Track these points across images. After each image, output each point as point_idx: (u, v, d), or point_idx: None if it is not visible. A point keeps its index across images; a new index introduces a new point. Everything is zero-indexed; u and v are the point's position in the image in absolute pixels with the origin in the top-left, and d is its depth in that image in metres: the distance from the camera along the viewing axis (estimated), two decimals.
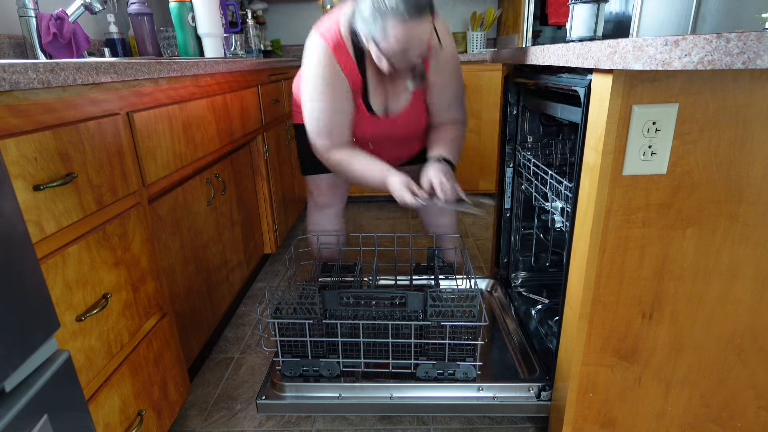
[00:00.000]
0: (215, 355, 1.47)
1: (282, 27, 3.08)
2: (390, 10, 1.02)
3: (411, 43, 1.06)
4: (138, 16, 1.79)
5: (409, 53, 1.08)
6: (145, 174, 0.99)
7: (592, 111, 0.80)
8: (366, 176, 1.25)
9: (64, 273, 0.73)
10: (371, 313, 1.12)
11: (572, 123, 1.30)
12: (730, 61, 0.61)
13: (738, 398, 0.93)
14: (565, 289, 0.95)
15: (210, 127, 1.33)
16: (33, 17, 1.36)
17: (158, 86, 1.08)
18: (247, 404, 1.25)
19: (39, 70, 0.67)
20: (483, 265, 2.00)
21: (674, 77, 0.72)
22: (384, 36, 1.06)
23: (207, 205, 1.37)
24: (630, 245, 0.82)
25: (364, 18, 1.08)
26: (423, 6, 1.03)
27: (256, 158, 1.85)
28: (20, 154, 0.65)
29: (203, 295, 1.34)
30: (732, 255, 0.82)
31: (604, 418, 0.97)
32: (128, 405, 0.90)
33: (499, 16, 2.94)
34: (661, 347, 0.90)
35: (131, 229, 0.93)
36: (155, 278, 1.02)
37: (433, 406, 1.09)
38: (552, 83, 1.02)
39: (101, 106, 0.86)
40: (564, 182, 1.06)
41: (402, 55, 1.08)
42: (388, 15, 1.03)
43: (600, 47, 0.71)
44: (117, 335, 0.87)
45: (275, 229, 1.99)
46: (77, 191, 0.76)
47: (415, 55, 1.09)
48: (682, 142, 0.75)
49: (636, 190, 0.78)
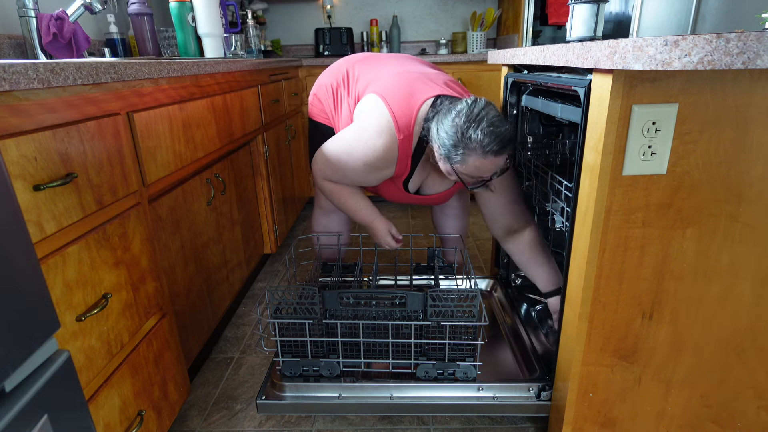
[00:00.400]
0: (215, 355, 1.47)
1: (282, 27, 3.08)
2: (476, 145, 1.03)
3: (488, 171, 1.09)
4: (138, 16, 1.79)
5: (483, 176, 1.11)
6: (145, 174, 0.99)
7: (592, 111, 0.80)
8: (356, 213, 1.35)
9: (64, 273, 0.73)
10: (371, 313, 1.12)
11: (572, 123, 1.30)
12: (730, 61, 0.61)
13: (738, 398, 0.93)
14: (565, 289, 0.95)
15: (210, 127, 1.33)
16: (33, 17, 1.36)
17: (158, 86, 1.08)
18: (247, 404, 1.25)
19: (39, 70, 0.67)
20: (483, 265, 2.00)
21: (674, 77, 0.72)
22: (464, 163, 1.07)
23: (207, 205, 1.37)
24: (630, 245, 0.82)
25: (444, 138, 1.08)
26: (507, 143, 1.05)
27: (256, 158, 1.85)
28: (20, 154, 0.65)
29: (203, 295, 1.34)
30: (732, 255, 0.82)
31: (604, 418, 0.97)
32: (128, 405, 0.90)
33: (499, 16, 2.94)
34: (661, 347, 0.90)
35: (131, 229, 0.93)
36: (155, 278, 1.02)
37: (433, 406, 1.09)
38: (552, 83, 1.02)
39: (101, 106, 0.86)
40: (564, 182, 1.06)
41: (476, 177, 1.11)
42: (472, 149, 1.04)
43: (600, 47, 0.71)
44: (117, 335, 0.87)
45: (275, 229, 1.99)
46: (77, 191, 0.76)
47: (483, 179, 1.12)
48: (682, 142, 0.75)
49: (636, 190, 0.78)
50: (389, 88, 1.21)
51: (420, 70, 1.28)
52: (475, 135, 1.02)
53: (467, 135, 1.03)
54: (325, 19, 3.03)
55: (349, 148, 1.22)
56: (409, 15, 3.05)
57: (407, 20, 3.06)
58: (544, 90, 1.23)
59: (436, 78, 1.23)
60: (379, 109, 1.19)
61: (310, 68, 2.56)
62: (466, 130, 1.03)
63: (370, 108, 1.22)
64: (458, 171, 1.10)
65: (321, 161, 1.26)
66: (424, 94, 1.17)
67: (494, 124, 1.03)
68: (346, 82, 1.37)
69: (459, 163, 1.07)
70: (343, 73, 1.38)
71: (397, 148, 1.18)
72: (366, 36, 3.00)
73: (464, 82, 2.56)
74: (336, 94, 1.39)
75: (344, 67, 1.40)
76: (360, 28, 3.05)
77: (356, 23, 3.05)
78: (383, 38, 2.93)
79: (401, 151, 1.19)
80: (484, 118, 1.03)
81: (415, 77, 1.22)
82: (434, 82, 1.21)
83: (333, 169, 1.25)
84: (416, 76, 1.23)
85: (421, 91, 1.18)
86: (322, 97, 1.42)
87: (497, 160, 1.06)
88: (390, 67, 1.30)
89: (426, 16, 3.04)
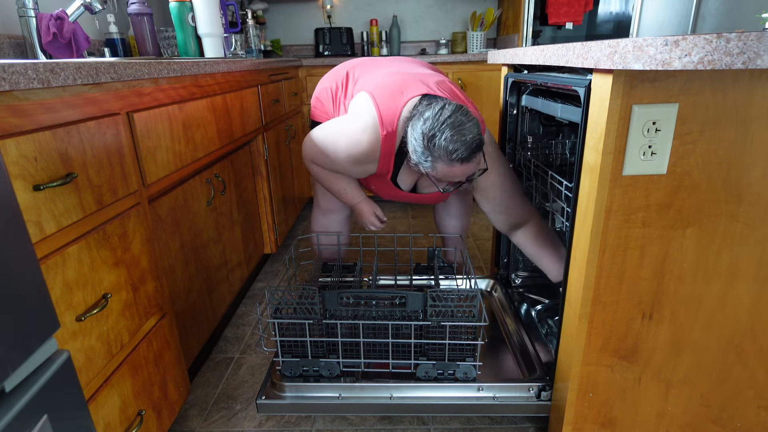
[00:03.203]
0: (215, 355, 1.47)
1: (282, 27, 3.08)
2: (442, 153, 1.03)
3: (457, 177, 1.09)
4: (138, 16, 1.79)
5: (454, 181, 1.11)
6: (145, 174, 0.99)
7: (592, 111, 0.80)
8: (342, 194, 1.38)
9: (64, 273, 0.73)
10: (371, 313, 1.12)
11: (572, 123, 1.30)
12: (730, 61, 0.61)
13: (738, 398, 0.93)
14: (565, 289, 0.95)
15: (210, 127, 1.33)
16: (33, 17, 1.36)
17: (158, 86, 1.07)
18: (247, 404, 1.25)
19: (39, 70, 0.67)
20: (483, 265, 2.00)
21: (674, 77, 0.72)
22: (433, 169, 1.08)
23: (207, 205, 1.37)
24: (630, 245, 0.82)
25: (414, 144, 1.09)
26: (474, 149, 1.03)
27: (256, 158, 1.85)
28: (20, 154, 0.65)
29: (203, 295, 1.34)
30: (732, 255, 0.82)
31: (604, 418, 0.97)
32: (128, 405, 0.90)
33: (499, 16, 2.94)
34: (661, 347, 0.90)
35: (131, 229, 0.93)
36: (155, 278, 1.02)
37: (433, 406, 1.09)
38: (552, 83, 1.02)
39: (101, 106, 0.86)
40: (564, 182, 1.06)
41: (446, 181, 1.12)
42: (438, 157, 1.04)
43: (600, 47, 0.71)
44: (117, 335, 0.86)
45: (275, 229, 1.99)
46: (77, 191, 0.76)
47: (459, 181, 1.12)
48: (682, 142, 0.75)
49: (636, 190, 0.78)
50: (379, 87, 1.23)
51: (415, 71, 1.28)
52: (441, 142, 1.02)
53: (432, 142, 1.03)
54: (325, 19, 3.03)
55: (335, 137, 1.24)
56: (409, 15, 3.05)
57: (407, 20, 3.06)
58: (544, 90, 1.23)
59: (428, 78, 1.23)
60: (367, 105, 1.21)
61: (310, 68, 2.56)
62: (432, 137, 1.03)
63: (359, 104, 1.25)
64: (430, 175, 1.11)
65: (309, 145, 1.30)
66: (411, 93, 1.18)
67: (460, 132, 1.02)
68: (345, 84, 1.39)
69: (429, 168, 1.08)
70: (343, 76, 1.40)
71: (380, 144, 1.19)
72: (366, 36, 3.00)
73: (464, 82, 2.56)
74: (335, 96, 1.41)
75: (344, 70, 1.42)
76: (360, 28, 3.05)
77: (356, 23, 3.05)
78: (383, 38, 2.93)
79: (384, 148, 1.19)
80: (450, 126, 1.02)
81: (407, 77, 1.23)
82: (425, 82, 1.21)
83: (319, 154, 1.28)
84: (408, 75, 1.24)
85: (409, 90, 1.19)
86: (323, 99, 1.45)
87: (465, 168, 1.06)
88: (386, 68, 1.32)
89: (426, 16, 3.04)
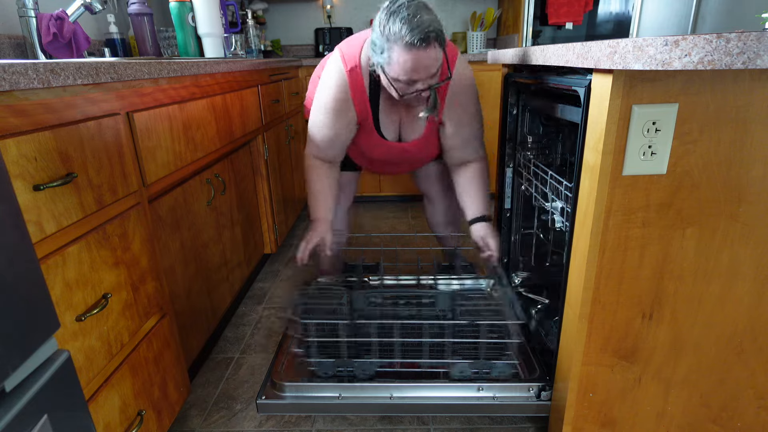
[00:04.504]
0: (215, 355, 1.47)
1: (282, 27, 3.08)
2: (395, 37, 0.99)
3: (417, 72, 1.03)
4: (138, 16, 1.79)
5: (416, 81, 1.06)
6: (145, 174, 0.99)
7: (592, 111, 0.80)
8: (311, 201, 1.34)
9: (64, 273, 0.73)
10: (404, 313, 1.11)
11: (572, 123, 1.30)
12: (730, 61, 0.61)
13: (738, 398, 0.93)
14: (565, 289, 0.95)
15: (210, 127, 1.33)
16: (33, 17, 1.36)
17: (158, 86, 1.08)
18: (247, 404, 1.25)
19: (39, 70, 0.67)
20: (483, 264, 1.99)
21: (674, 77, 0.72)
22: (389, 63, 1.04)
23: (207, 205, 1.37)
24: (630, 245, 0.82)
25: (373, 44, 1.06)
26: (429, 33, 0.99)
27: (256, 158, 1.85)
28: (20, 154, 0.65)
29: (203, 295, 1.34)
30: (732, 255, 0.82)
31: (604, 418, 0.97)
32: (128, 405, 0.90)
33: (499, 16, 2.94)
34: (661, 347, 0.90)
35: (131, 229, 0.93)
36: (155, 278, 1.02)
37: (433, 406, 1.09)
38: (552, 83, 1.02)
39: (101, 106, 0.86)
40: (564, 182, 1.06)
41: (408, 83, 1.06)
42: (393, 42, 1.00)
43: (600, 47, 0.71)
44: (117, 335, 0.87)
45: (275, 229, 1.99)
46: (77, 191, 0.76)
47: (422, 83, 1.07)
48: (682, 142, 0.75)
49: (636, 190, 0.78)
50: (346, 41, 1.25)
51: None
52: (395, 26, 0.99)
53: (387, 27, 1.00)
54: (325, 19, 3.03)
55: (315, 102, 1.26)
56: None
57: None
58: (545, 90, 1.23)
59: None
60: (333, 57, 1.23)
61: (310, 68, 2.55)
62: (386, 22, 1.00)
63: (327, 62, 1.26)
64: (390, 78, 1.07)
65: (308, 136, 1.32)
66: None
67: (414, 14, 0.99)
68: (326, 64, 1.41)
69: (386, 64, 1.04)
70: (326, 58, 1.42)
71: (347, 82, 1.18)
72: None
73: None
74: None
75: None
76: (360, 28, 3.05)
77: (356, 23, 3.05)
78: None
79: (351, 83, 1.18)
80: (405, 8, 1.00)
81: None
82: None
83: (312, 135, 1.29)
84: None
85: None
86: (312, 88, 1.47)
87: (422, 54, 1.00)
88: None
89: None
